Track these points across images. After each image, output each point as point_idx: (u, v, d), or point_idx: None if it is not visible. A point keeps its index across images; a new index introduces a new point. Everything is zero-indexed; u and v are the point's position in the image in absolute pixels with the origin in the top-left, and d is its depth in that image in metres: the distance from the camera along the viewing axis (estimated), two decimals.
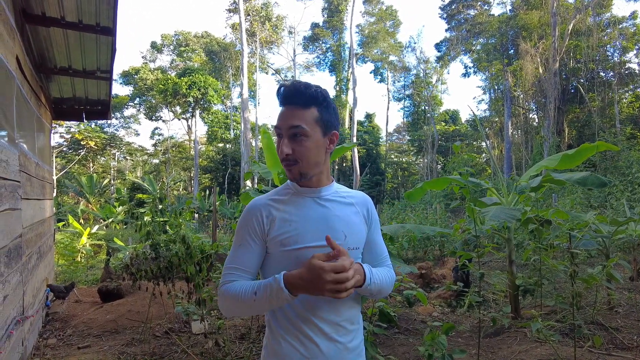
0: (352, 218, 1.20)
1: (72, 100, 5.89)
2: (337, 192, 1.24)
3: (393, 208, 16.38)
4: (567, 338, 3.46)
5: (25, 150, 3.57)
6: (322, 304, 1.11)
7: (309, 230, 1.13)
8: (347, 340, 1.15)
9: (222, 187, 29.91)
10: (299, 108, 1.12)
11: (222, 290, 1.13)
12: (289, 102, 1.13)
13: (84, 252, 10.00)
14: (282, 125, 1.13)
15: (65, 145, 26.77)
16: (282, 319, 1.14)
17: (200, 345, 3.71)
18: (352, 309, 1.18)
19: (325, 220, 1.16)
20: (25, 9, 3.46)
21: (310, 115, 1.12)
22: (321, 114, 1.14)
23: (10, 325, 2.76)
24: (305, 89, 1.12)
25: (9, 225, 2.75)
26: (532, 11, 25.24)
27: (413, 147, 37.99)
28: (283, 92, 1.13)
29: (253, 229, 1.15)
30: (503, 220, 3.11)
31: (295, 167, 1.14)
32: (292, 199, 1.19)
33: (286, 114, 1.13)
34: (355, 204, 1.24)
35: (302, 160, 1.13)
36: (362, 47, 36.01)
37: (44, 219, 4.66)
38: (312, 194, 1.19)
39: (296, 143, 1.12)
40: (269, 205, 1.18)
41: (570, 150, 3.91)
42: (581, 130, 23.71)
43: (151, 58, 38.38)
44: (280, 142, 1.13)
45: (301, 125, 1.11)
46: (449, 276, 6.31)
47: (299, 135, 1.11)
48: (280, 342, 1.13)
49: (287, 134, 1.12)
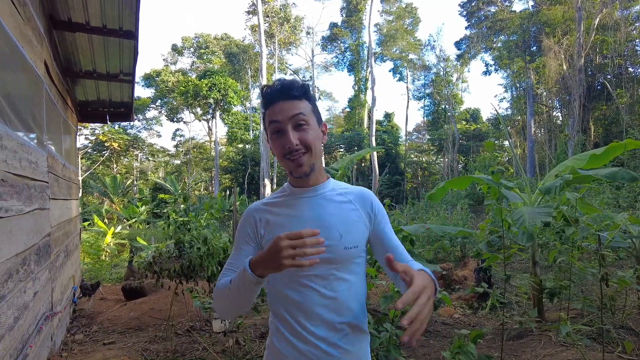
0: (349, 215, 1.16)
1: (96, 103, 6.05)
2: (334, 189, 1.21)
3: (414, 208, 16.20)
4: (595, 343, 3.35)
5: (52, 152, 3.69)
6: (323, 306, 1.09)
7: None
8: (349, 344, 1.12)
9: (242, 187, 30.22)
10: (295, 100, 1.12)
11: (214, 291, 1.15)
12: (284, 95, 1.11)
13: (109, 251, 10.27)
14: (283, 117, 1.10)
15: (90, 146, 27.51)
16: (284, 320, 1.13)
17: (221, 344, 3.75)
18: (355, 312, 1.14)
19: (319, 220, 1.13)
20: (53, 15, 3.57)
21: (306, 106, 1.13)
22: (312, 106, 1.15)
23: (40, 321, 2.85)
24: (296, 82, 1.13)
25: (38, 225, 2.84)
26: (555, 6, 24.60)
27: (433, 147, 37.54)
28: (276, 87, 1.13)
29: (247, 235, 1.18)
30: (534, 222, 3.02)
31: (306, 157, 1.11)
32: (287, 201, 1.19)
33: (284, 106, 1.10)
34: (354, 200, 1.20)
35: (311, 148, 1.11)
36: (381, 46, 35.80)
37: (70, 219, 4.81)
38: (307, 194, 1.18)
39: (302, 131, 1.10)
40: (263, 210, 1.19)
41: (598, 149, 3.78)
42: (608, 128, 22.96)
43: (172, 60, 39.10)
44: (281, 137, 1.10)
45: (303, 112, 1.11)
46: (470, 277, 6.21)
47: (303, 124, 1.10)
48: (281, 343, 1.12)
49: (291, 125, 1.10)
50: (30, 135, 2.81)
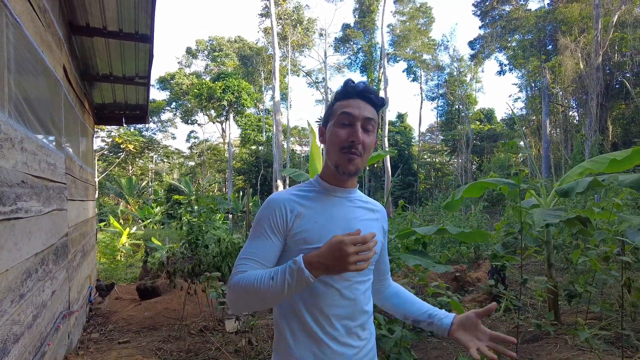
0: (372, 224, 1.21)
1: (112, 106, 6.16)
2: (360, 198, 1.24)
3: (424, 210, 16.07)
4: (613, 347, 3.28)
5: (70, 154, 3.77)
6: (335, 306, 1.10)
7: (333, 230, 1.09)
8: (360, 345, 1.14)
9: (255, 188, 30.40)
10: (373, 106, 1.14)
11: (233, 282, 1.04)
12: (366, 97, 1.13)
13: (124, 251, 10.43)
14: (358, 113, 1.10)
15: (106, 148, 27.96)
16: (300, 320, 1.11)
17: (234, 344, 3.78)
18: (365, 314, 1.16)
19: (349, 222, 1.14)
20: (72, 20, 3.66)
21: (377, 117, 1.16)
22: (378, 121, 1.17)
23: (57, 319, 2.91)
24: (376, 91, 1.16)
25: (56, 225, 2.91)
26: (572, 4, 24.14)
27: (447, 147, 37.21)
28: (360, 86, 1.14)
29: (275, 222, 1.09)
30: (546, 222, 2.98)
31: (359, 159, 1.11)
32: (318, 197, 1.16)
33: (362, 105, 1.12)
34: (377, 212, 1.25)
35: (366, 153, 1.13)
36: (394, 47, 35.64)
37: (87, 219, 4.90)
38: (342, 194, 1.18)
39: (367, 135, 1.12)
40: (293, 200, 1.13)
41: (618, 153, 3.66)
42: (627, 128, 22.44)
43: (186, 63, 39.61)
44: (349, 129, 1.10)
45: (375, 120, 1.14)
46: (484, 279, 6.13)
47: (371, 130, 1.13)
48: (293, 345, 1.10)
49: (362, 124, 1.11)
50: (49, 137, 2.89)
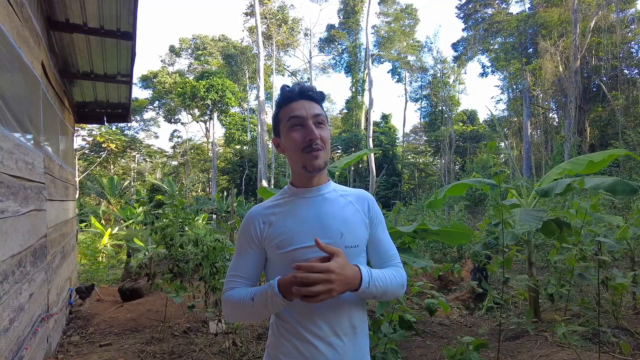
0: (350, 216, 1.19)
1: (93, 104, 6.04)
2: (335, 191, 1.24)
3: (408, 209, 16.22)
4: (590, 343, 3.37)
5: (49, 152, 3.68)
6: (320, 306, 1.08)
7: (303, 231, 1.13)
8: (347, 343, 1.12)
9: (240, 188, 30.21)
10: (316, 102, 1.20)
11: (224, 298, 1.17)
12: (307, 96, 1.18)
13: (106, 252, 10.23)
14: (306, 114, 1.15)
15: (87, 147, 27.39)
16: (283, 321, 1.14)
17: (218, 345, 3.75)
18: (353, 311, 1.15)
19: (320, 219, 1.15)
20: (50, 16, 3.57)
21: (323, 111, 1.21)
22: (324, 112, 1.22)
23: (35, 323, 2.84)
24: (315, 87, 1.22)
25: (34, 226, 2.83)
26: (552, 8, 24.71)
27: (430, 148, 37.63)
28: (300, 87, 1.19)
29: (250, 237, 1.18)
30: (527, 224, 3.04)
31: (323, 152, 1.15)
32: (288, 202, 1.21)
33: (307, 104, 1.17)
34: (354, 201, 1.24)
35: (327, 146, 1.17)
36: (379, 48, 35.88)
37: (67, 220, 4.79)
38: (309, 194, 1.20)
39: (321, 130, 1.16)
40: (265, 211, 1.20)
41: (595, 156, 3.80)
42: (604, 130, 23.07)
43: (170, 62, 39.07)
44: (303, 130, 1.14)
45: (322, 113, 1.19)
46: (467, 278, 6.23)
47: (322, 124, 1.17)
48: (281, 344, 1.13)
49: (312, 121, 1.15)
50: (27, 136, 2.81)
